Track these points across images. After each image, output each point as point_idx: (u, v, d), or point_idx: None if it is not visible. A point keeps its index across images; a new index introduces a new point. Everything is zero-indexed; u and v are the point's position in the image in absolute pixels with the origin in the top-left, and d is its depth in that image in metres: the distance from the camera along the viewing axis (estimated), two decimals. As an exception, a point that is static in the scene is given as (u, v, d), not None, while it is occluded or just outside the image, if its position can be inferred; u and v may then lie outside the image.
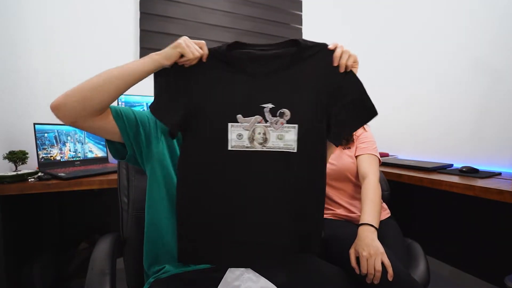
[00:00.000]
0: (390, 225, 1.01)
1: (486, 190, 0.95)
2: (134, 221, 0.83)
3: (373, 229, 0.79)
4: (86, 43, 1.59)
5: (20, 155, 1.16)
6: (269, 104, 0.65)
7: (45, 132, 1.26)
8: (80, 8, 1.57)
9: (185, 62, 0.68)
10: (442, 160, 1.47)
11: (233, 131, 0.65)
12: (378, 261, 0.68)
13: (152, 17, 1.72)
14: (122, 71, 0.64)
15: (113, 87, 0.63)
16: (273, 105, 0.65)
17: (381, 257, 0.69)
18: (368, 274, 0.68)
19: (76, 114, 0.61)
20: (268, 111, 0.65)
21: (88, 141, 1.42)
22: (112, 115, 0.66)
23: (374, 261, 0.68)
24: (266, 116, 0.66)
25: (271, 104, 0.65)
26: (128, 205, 0.85)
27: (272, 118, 0.65)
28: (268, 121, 0.66)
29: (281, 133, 0.66)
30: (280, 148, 0.66)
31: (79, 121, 0.62)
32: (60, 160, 1.30)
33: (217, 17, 1.90)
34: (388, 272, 0.67)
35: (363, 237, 0.76)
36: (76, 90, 0.62)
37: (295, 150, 0.66)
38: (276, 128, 0.66)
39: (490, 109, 1.34)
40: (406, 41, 1.78)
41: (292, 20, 2.18)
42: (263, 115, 0.66)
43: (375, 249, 0.71)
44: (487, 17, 1.36)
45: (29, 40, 1.44)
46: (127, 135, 0.67)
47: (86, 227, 1.55)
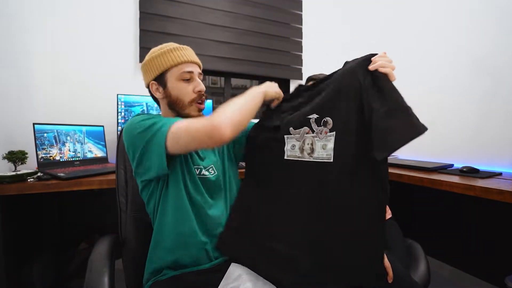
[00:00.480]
0: (391, 226, 1.01)
1: (487, 190, 0.95)
2: (133, 222, 0.83)
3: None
4: (86, 43, 1.59)
5: (20, 155, 1.16)
6: (314, 115, 0.68)
7: (45, 132, 1.26)
8: (80, 8, 1.57)
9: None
10: (442, 160, 1.47)
11: (288, 142, 0.72)
12: None
13: (152, 17, 1.72)
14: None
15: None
16: (318, 115, 0.67)
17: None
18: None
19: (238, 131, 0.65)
20: (313, 121, 0.69)
21: (88, 141, 1.42)
22: None
23: None
24: (312, 126, 0.69)
25: (315, 114, 0.68)
26: (126, 206, 0.84)
27: (318, 128, 0.68)
28: (315, 131, 0.68)
29: (324, 143, 0.66)
30: (323, 158, 0.65)
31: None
32: (60, 160, 1.30)
33: (217, 17, 1.89)
34: (388, 274, 0.66)
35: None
36: (237, 113, 0.66)
37: (331, 159, 0.64)
38: (321, 138, 0.67)
39: (490, 109, 1.33)
40: (406, 41, 1.78)
41: (292, 20, 2.17)
42: (310, 125, 0.69)
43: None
44: (487, 17, 1.35)
45: (28, 40, 1.44)
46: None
47: (86, 227, 1.54)
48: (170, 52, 0.73)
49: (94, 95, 1.60)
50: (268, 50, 2.08)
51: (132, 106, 1.53)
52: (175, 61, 0.72)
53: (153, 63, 0.74)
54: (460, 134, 1.45)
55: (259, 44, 2.04)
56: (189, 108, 0.74)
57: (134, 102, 1.55)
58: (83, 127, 1.41)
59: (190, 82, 0.74)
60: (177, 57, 0.73)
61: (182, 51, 0.74)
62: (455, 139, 1.47)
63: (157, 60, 0.73)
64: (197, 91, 0.74)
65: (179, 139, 0.62)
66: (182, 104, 0.74)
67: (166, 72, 0.73)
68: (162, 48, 0.75)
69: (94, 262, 0.66)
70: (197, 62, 0.78)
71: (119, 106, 1.51)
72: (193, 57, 0.76)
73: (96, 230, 1.55)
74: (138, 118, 0.69)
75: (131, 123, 0.69)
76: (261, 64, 2.05)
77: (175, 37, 1.75)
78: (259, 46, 2.04)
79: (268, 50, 2.08)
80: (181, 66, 0.73)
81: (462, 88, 1.45)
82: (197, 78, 0.75)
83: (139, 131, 0.66)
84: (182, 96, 0.73)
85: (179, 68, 0.73)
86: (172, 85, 0.73)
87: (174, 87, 0.73)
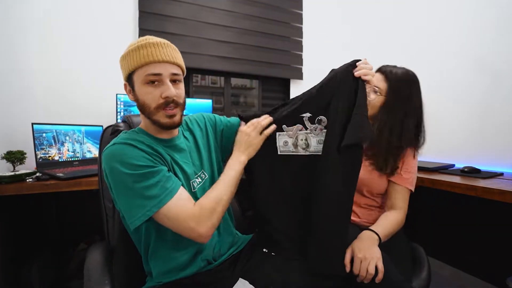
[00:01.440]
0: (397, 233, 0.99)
1: (488, 191, 0.94)
2: (121, 229, 0.76)
3: (377, 237, 0.77)
4: (85, 43, 1.58)
5: (18, 155, 1.15)
6: (307, 114, 0.75)
7: (43, 132, 1.26)
8: (79, 7, 1.56)
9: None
10: (443, 160, 1.46)
11: (280, 139, 0.77)
12: (372, 265, 0.67)
13: (152, 16, 1.71)
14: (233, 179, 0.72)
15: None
16: (311, 114, 0.75)
17: (376, 262, 0.68)
18: (359, 275, 0.68)
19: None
20: (307, 120, 0.75)
21: (87, 141, 1.41)
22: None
23: (368, 264, 0.67)
24: (305, 124, 0.75)
25: (308, 113, 0.75)
26: (113, 211, 0.78)
27: (311, 126, 0.75)
28: (308, 128, 0.75)
29: (321, 138, 0.74)
30: (318, 152, 0.75)
31: None
32: (59, 160, 1.29)
33: (216, 16, 1.88)
34: (377, 276, 0.67)
35: (363, 239, 0.76)
36: (220, 212, 0.66)
37: (320, 152, 0.74)
38: (316, 134, 0.75)
39: (492, 109, 1.33)
40: (406, 41, 1.77)
41: (292, 19, 2.16)
42: (303, 123, 0.76)
43: (372, 253, 0.70)
44: (488, 16, 1.35)
45: (27, 39, 1.44)
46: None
47: (85, 227, 1.54)
48: (137, 50, 0.63)
49: (93, 95, 1.59)
50: (268, 50, 2.07)
51: (132, 105, 1.53)
52: (139, 61, 0.63)
53: (123, 62, 0.67)
54: (461, 134, 1.44)
55: (259, 43, 2.03)
56: (156, 115, 0.65)
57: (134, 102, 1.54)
58: (82, 127, 1.40)
59: (157, 86, 0.64)
60: (142, 56, 0.62)
61: (151, 49, 0.63)
62: (456, 139, 1.46)
63: (125, 59, 0.65)
64: (164, 96, 0.63)
65: (163, 222, 0.61)
66: (149, 110, 0.65)
67: (132, 73, 0.65)
68: (133, 44, 0.65)
69: (91, 271, 0.64)
70: (171, 60, 0.65)
71: (119, 106, 1.50)
72: (163, 56, 0.64)
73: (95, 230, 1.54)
74: (127, 153, 0.61)
75: (116, 153, 0.62)
76: (261, 63, 2.05)
77: (174, 36, 1.74)
78: (259, 45, 2.04)
79: (268, 49, 2.07)
80: (147, 68, 0.63)
81: (463, 88, 1.44)
82: (167, 81, 0.64)
83: (128, 174, 0.59)
84: (148, 101, 0.64)
85: (144, 70, 0.63)
86: (138, 88, 0.65)
87: (140, 91, 0.65)
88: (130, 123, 0.86)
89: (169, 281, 0.69)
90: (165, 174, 0.63)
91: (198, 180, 0.75)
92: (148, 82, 0.64)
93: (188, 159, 0.75)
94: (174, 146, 0.73)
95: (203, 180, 0.76)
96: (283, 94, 2.29)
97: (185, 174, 0.72)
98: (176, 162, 0.71)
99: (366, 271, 0.67)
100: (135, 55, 0.63)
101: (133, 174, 0.59)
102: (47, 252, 1.38)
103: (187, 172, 0.72)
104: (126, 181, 0.59)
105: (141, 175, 0.60)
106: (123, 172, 0.59)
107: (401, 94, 0.91)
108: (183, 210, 0.60)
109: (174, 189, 0.62)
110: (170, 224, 0.61)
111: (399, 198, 0.91)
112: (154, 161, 0.63)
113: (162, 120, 0.66)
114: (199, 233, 0.60)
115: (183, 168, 0.72)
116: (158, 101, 0.64)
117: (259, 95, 2.20)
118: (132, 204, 0.60)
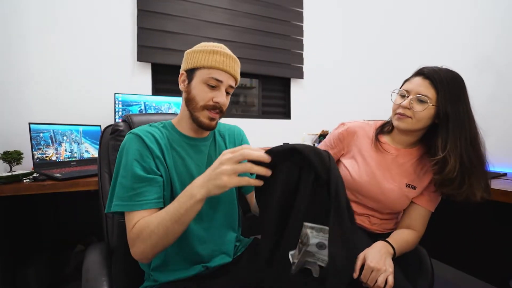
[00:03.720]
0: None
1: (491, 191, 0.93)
2: (120, 229, 0.77)
3: (392, 251, 0.74)
4: (82, 42, 1.56)
5: (15, 155, 1.14)
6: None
7: (41, 132, 1.24)
8: (77, 6, 1.55)
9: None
10: (445, 160, 1.44)
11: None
12: (383, 277, 0.65)
13: (150, 14, 1.69)
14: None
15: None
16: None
17: (387, 275, 0.65)
18: (367, 283, 0.66)
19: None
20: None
21: (85, 141, 1.40)
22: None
23: (380, 276, 0.65)
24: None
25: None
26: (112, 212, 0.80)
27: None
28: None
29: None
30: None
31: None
32: (56, 160, 1.28)
33: (216, 14, 1.87)
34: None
35: (378, 249, 0.72)
36: (145, 241, 0.60)
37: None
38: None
39: (495, 109, 1.31)
40: (408, 40, 1.75)
41: (292, 18, 2.15)
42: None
43: (385, 266, 0.67)
44: (492, 16, 1.33)
45: (24, 39, 1.42)
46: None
47: (83, 229, 1.52)
48: (212, 53, 0.71)
49: (91, 94, 1.58)
50: (268, 48, 2.05)
51: (130, 105, 1.51)
52: (210, 64, 0.70)
53: (192, 56, 0.72)
54: (464, 133, 1.43)
55: (259, 42, 2.02)
56: (200, 112, 0.71)
57: (132, 101, 1.52)
58: (79, 126, 1.39)
59: (214, 90, 0.71)
60: (215, 61, 0.70)
61: (224, 58, 0.71)
62: (459, 139, 1.45)
63: (196, 55, 0.72)
64: (214, 101, 0.71)
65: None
66: (196, 105, 0.71)
67: (197, 69, 0.71)
68: (209, 46, 0.73)
69: (90, 271, 0.63)
70: (234, 75, 0.73)
71: (117, 106, 1.48)
72: (230, 69, 0.72)
73: (93, 232, 1.53)
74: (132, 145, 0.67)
75: (126, 142, 0.69)
76: (261, 62, 2.03)
77: (173, 35, 1.72)
78: (259, 44, 2.02)
79: (268, 48, 2.06)
80: (212, 71, 0.70)
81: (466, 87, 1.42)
82: (223, 90, 0.72)
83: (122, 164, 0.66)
84: (198, 98, 0.71)
85: (210, 72, 0.70)
86: (195, 84, 0.71)
87: (196, 87, 0.71)
88: (130, 122, 0.86)
89: (166, 281, 0.68)
90: (145, 186, 0.64)
91: None
92: (208, 83, 0.70)
93: (203, 163, 0.76)
94: (195, 145, 0.76)
95: None
96: (284, 93, 2.28)
97: (189, 173, 0.72)
98: (183, 158, 0.72)
99: (375, 282, 0.65)
100: (209, 56, 0.70)
101: (124, 166, 0.65)
102: (44, 253, 1.37)
103: (192, 173, 0.72)
104: (118, 168, 0.67)
105: (128, 171, 0.64)
106: (122, 159, 0.67)
107: (454, 100, 0.76)
108: (128, 226, 0.62)
109: (139, 206, 0.63)
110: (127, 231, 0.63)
111: (418, 220, 0.84)
112: (150, 166, 0.66)
113: (203, 119, 0.72)
114: (132, 251, 0.61)
115: (189, 167, 0.73)
116: (208, 102, 0.71)
117: (259, 94, 2.18)
118: (111, 191, 0.67)
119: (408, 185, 0.85)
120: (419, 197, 0.85)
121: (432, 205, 0.85)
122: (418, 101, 0.78)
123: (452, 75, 0.80)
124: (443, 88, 0.76)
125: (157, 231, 0.58)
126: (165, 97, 1.61)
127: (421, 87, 0.78)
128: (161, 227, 0.57)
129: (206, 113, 0.71)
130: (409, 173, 0.86)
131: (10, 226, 1.15)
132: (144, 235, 0.58)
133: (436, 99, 0.76)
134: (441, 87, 0.76)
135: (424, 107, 0.77)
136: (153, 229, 0.58)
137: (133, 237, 0.60)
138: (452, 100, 0.76)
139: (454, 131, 0.76)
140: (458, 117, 0.77)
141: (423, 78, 0.79)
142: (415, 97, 0.78)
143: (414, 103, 0.78)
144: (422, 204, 0.85)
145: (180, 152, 0.72)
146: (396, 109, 0.83)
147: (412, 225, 0.85)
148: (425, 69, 0.81)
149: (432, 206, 0.85)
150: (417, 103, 0.78)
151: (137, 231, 0.59)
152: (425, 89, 0.77)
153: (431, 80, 0.77)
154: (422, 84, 0.78)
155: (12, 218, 1.17)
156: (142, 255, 0.60)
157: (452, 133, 0.76)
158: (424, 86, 0.78)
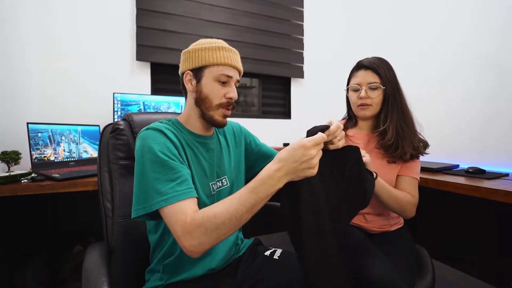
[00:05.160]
0: (401, 234, 0.97)
1: (493, 192, 0.92)
2: (120, 229, 0.77)
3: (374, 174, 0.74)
4: (81, 41, 1.56)
5: (13, 155, 1.13)
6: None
7: (39, 132, 1.23)
8: (75, 5, 1.54)
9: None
10: (447, 160, 1.44)
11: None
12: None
13: (149, 13, 1.68)
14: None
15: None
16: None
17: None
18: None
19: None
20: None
21: (83, 141, 1.39)
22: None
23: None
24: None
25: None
26: (112, 212, 0.79)
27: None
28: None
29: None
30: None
31: None
32: (54, 160, 1.27)
33: (215, 13, 1.86)
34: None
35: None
36: (211, 230, 0.56)
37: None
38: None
39: (497, 108, 1.30)
40: (409, 39, 1.74)
41: (293, 17, 2.13)
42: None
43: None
44: (493, 15, 1.32)
45: (22, 38, 1.41)
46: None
47: (81, 229, 1.52)
48: (218, 50, 0.71)
49: (89, 94, 1.57)
50: (268, 48, 2.04)
51: (129, 105, 1.50)
52: (219, 61, 0.70)
53: (196, 54, 0.71)
54: (466, 134, 1.42)
55: (259, 41, 2.01)
56: (215, 111, 0.71)
57: (131, 101, 1.51)
58: (78, 126, 1.38)
59: (225, 86, 0.71)
60: (223, 58, 0.70)
61: (229, 53, 0.72)
62: (461, 139, 1.44)
63: (201, 53, 0.70)
64: (228, 97, 0.71)
65: (164, 220, 0.60)
66: (210, 104, 0.70)
67: (205, 67, 0.70)
68: (211, 43, 0.72)
69: (89, 272, 0.63)
70: (240, 68, 0.75)
71: (116, 105, 1.48)
72: (237, 63, 0.74)
73: (91, 232, 1.52)
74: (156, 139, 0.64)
75: (146, 137, 0.64)
76: (261, 62, 2.02)
77: (172, 34, 1.71)
78: (259, 43, 2.01)
79: (269, 47, 2.04)
80: (223, 68, 0.70)
81: (468, 87, 1.42)
82: (233, 84, 0.73)
83: (149, 159, 0.61)
84: (212, 96, 0.70)
85: (220, 69, 0.70)
86: (206, 82, 0.70)
87: (208, 85, 0.70)
88: (131, 121, 0.85)
89: (172, 281, 0.68)
90: (183, 175, 0.62)
91: (218, 184, 0.75)
92: (219, 80, 0.70)
93: (213, 161, 0.75)
94: (205, 144, 0.75)
95: (223, 186, 0.76)
96: (284, 93, 2.27)
97: (203, 172, 0.72)
98: (197, 156, 0.72)
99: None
100: (216, 53, 0.70)
101: (153, 161, 0.61)
102: (42, 254, 1.36)
103: (206, 171, 0.72)
104: (145, 166, 0.61)
105: (160, 165, 0.61)
106: (146, 157, 0.62)
107: (392, 81, 0.91)
108: (179, 217, 0.57)
109: (184, 194, 0.59)
110: (168, 225, 0.59)
111: (408, 188, 0.91)
112: (178, 157, 0.64)
113: (217, 117, 0.72)
114: (182, 245, 0.56)
115: (203, 165, 0.72)
116: (221, 100, 0.71)
117: (259, 94, 2.17)
118: (141, 191, 0.61)
119: (389, 162, 0.93)
120: (401, 169, 0.93)
121: (414, 172, 0.92)
122: (371, 89, 0.91)
123: (383, 60, 0.94)
124: (383, 72, 0.90)
125: (228, 223, 0.55)
126: (164, 97, 1.60)
127: (368, 77, 0.91)
128: (235, 217, 0.55)
129: (221, 111, 0.71)
130: (383, 152, 0.94)
131: (8, 226, 1.14)
132: (209, 226, 0.54)
133: (381, 83, 0.90)
134: (381, 72, 0.90)
135: (378, 92, 0.91)
136: (224, 220, 0.54)
137: (191, 229, 0.55)
138: (390, 81, 0.91)
139: (392, 106, 0.91)
140: (393, 93, 0.91)
141: (365, 69, 0.92)
142: (368, 86, 0.91)
143: (369, 92, 0.91)
144: (405, 174, 0.92)
145: (194, 150, 0.72)
146: (356, 102, 0.95)
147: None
148: (363, 62, 0.94)
149: (415, 173, 0.93)
150: (371, 91, 0.91)
151: (198, 222, 0.55)
152: (372, 77, 0.91)
153: (372, 69, 0.91)
154: (367, 74, 0.92)
155: (10, 218, 1.16)
156: (200, 246, 0.55)
157: (390, 108, 0.91)
158: (370, 75, 0.91)
